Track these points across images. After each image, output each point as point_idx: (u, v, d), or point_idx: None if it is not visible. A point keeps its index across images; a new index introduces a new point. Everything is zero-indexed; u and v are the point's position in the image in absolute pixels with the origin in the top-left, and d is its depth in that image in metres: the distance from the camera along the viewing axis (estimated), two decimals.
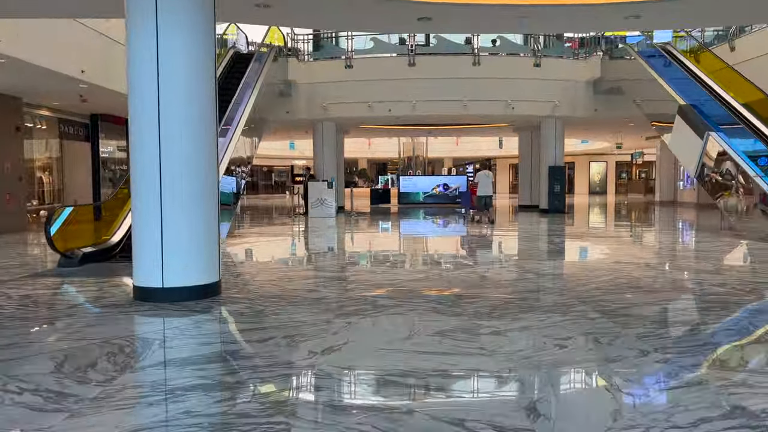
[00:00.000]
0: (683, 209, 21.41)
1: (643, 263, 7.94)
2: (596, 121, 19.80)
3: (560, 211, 19.02)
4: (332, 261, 8.49)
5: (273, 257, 9.30)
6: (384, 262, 8.21)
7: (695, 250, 9.97)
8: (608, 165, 42.32)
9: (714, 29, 18.34)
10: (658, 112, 15.05)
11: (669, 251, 9.68)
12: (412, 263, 8.22)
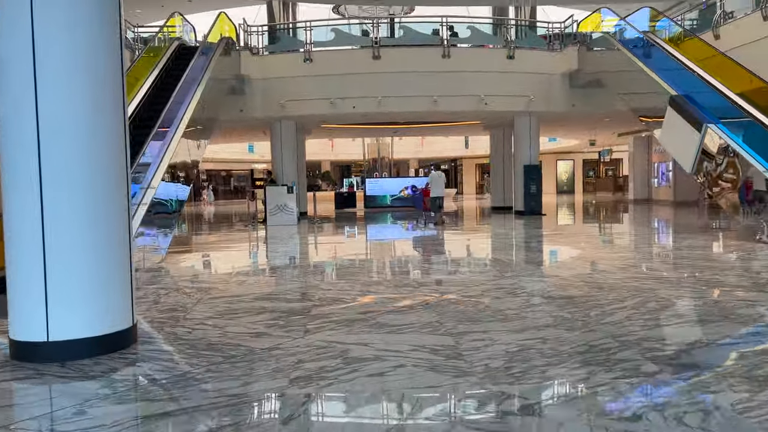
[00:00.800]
0: (661, 207, 20.57)
1: (665, 278, 6.72)
2: (573, 117, 18.74)
3: (537, 212, 17.87)
4: (291, 283, 6.99)
5: (219, 278, 7.75)
6: (354, 283, 6.76)
7: (715, 259, 8.76)
8: (575, 163, 41.76)
9: (693, 19, 17.48)
10: (645, 106, 14.01)
11: (684, 260, 8.48)
12: (388, 283, 6.80)
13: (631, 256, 9.09)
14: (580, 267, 8.09)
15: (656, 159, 24.25)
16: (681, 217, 16.42)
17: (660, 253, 9.71)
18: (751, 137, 10.29)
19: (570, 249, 10.34)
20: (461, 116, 18.33)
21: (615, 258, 8.60)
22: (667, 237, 12.08)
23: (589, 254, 9.35)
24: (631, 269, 7.38)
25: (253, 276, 7.82)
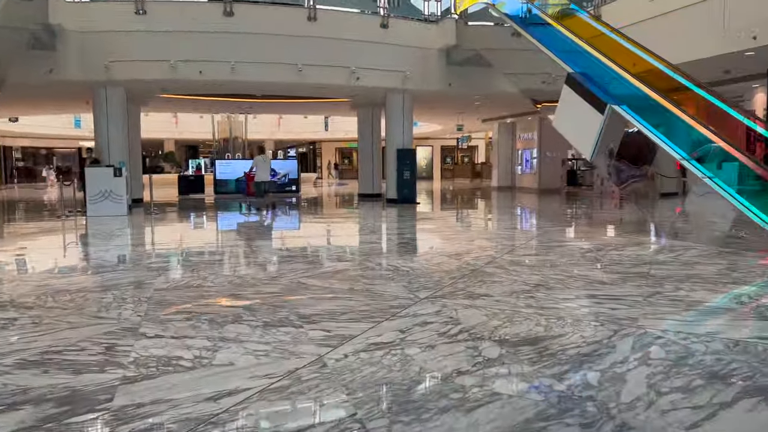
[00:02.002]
0: (530, 195, 20.10)
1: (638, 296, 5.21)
2: (448, 97, 17.39)
3: (411, 200, 16.33)
4: (96, 326, 4.47)
5: None
6: (192, 317, 4.45)
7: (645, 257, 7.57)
8: (434, 149, 41.53)
9: None
10: (536, 87, 12.86)
11: (630, 262, 7.15)
12: (239, 314, 4.55)
13: (558, 259, 7.66)
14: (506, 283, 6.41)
15: (520, 146, 23.96)
16: (568, 206, 15.79)
17: (601, 255, 8.43)
18: (657, 120, 9.32)
19: (477, 250, 8.73)
20: (329, 91, 16.16)
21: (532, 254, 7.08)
22: (588, 232, 11.01)
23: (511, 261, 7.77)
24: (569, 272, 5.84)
25: (38, 312, 5.08)
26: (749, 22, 10.38)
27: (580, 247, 7.85)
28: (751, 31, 10.37)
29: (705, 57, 11.20)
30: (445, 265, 6.53)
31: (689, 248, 7.53)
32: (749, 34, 10.39)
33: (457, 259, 6.91)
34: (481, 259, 6.86)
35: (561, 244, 8.29)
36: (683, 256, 6.93)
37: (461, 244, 8.21)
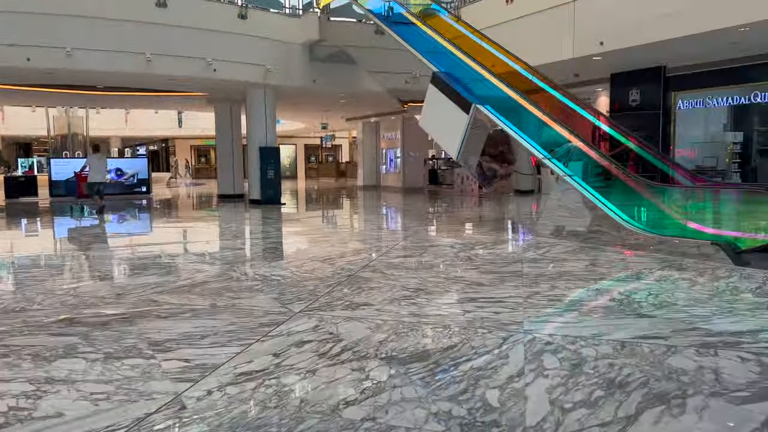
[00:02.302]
0: (395, 194, 20.20)
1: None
2: (313, 94, 16.88)
3: (276, 201, 15.64)
4: None
5: None
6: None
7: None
8: (298, 148, 40.81)
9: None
10: (402, 87, 12.77)
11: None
12: (72, 345, 3.77)
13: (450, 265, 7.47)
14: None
15: (384, 145, 24.09)
16: (443, 204, 15.94)
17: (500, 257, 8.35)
18: (519, 120, 9.55)
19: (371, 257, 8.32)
20: (182, 84, 14.97)
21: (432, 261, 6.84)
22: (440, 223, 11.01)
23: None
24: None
25: None
26: (596, 29, 11.03)
27: (452, 247, 7.76)
28: (599, 39, 11.03)
29: (558, 60, 11.76)
30: (318, 272, 6.06)
31: (555, 244, 7.72)
32: (597, 40, 11.05)
33: (331, 264, 6.47)
34: (356, 263, 6.49)
35: (433, 244, 8.16)
36: (550, 253, 7.06)
37: (334, 247, 7.78)
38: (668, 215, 7.51)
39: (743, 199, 7.22)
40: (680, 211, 7.58)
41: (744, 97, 11.43)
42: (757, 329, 3.91)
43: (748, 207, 7.09)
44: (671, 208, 7.54)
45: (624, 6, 10.50)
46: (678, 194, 7.58)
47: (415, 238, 8.79)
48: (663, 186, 8.22)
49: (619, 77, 13.54)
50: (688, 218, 7.27)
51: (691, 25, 9.50)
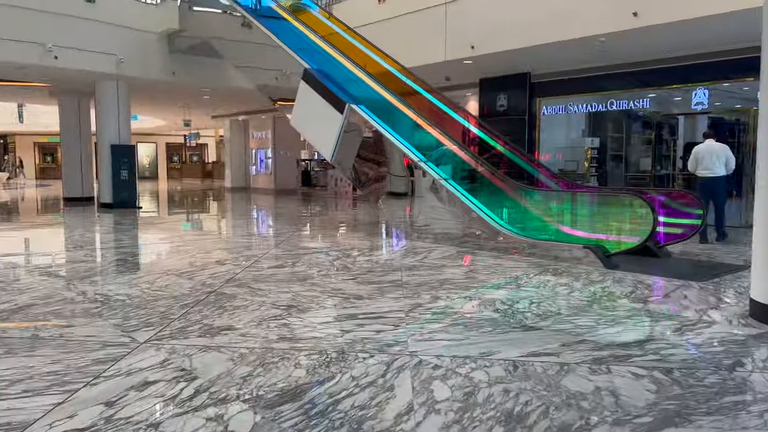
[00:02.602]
0: (266, 196, 19.33)
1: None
2: (172, 89, 15.59)
3: (131, 204, 14.23)
4: None
5: None
6: None
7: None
8: (158, 147, 38.24)
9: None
10: (272, 84, 12.07)
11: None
12: None
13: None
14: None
15: (254, 145, 23.06)
16: (292, 208, 15.28)
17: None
18: (394, 122, 9.28)
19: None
20: (18, 72, 13.11)
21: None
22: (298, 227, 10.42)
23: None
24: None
25: None
26: (468, 32, 11.08)
27: (327, 254, 7.27)
28: (470, 43, 11.08)
29: (431, 63, 11.69)
30: (174, 288, 5.28)
31: (431, 249, 7.49)
32: (468, 44, 11.09)
33: (190, 279, 5.70)
34: (220, 277, 5.78)
35: (306, 251, 7.61)
36: (428, 259, 6.80)
37: (195, 258, 6.97)
38: (540, 218, 7.57)
39: (608, 202, 7.45)
40: (551, 214, 7.68)
41: (601, 104, 12.07)
42: (641, 339, 3.81)
43: (614, 210, 7.33)
44: (543, 212, 7.61)
45: (494, 11, 10.63)
46: (549, 197, 7.68)
47: (288, 244, 8.19)
48: (535, 189, 8.31)
49: (488, 82, 13.81)
50: (559, 222, 7.36)
51: (556, 32, 9.77)
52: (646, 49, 10.13)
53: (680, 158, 11.86)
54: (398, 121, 9.31)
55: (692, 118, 12.17)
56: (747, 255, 7.03)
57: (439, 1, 11.53)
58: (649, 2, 8.54)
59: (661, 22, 8.51)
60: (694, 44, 9.68)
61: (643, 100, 11.57)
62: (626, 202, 6.99)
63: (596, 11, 9.16)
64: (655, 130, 11.96)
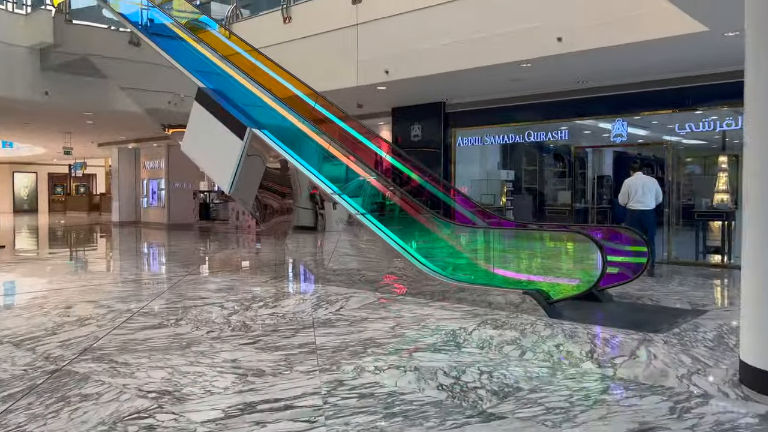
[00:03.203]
0: (158, 231, 17.49)
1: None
2: (48, 111, 13.69)
3: None
4: None
5: None
6: None
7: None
8: (39, 177, 34.77)
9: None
10: (164, 108, 10.69)
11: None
12: None
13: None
14: None
15: (146, 175, 21.09)
16: (179, 242, 13.67)
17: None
18: (303, 150, 8.21)
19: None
20: None
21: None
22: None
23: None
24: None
25: None
26: (381, 56, 10.30)
27: (221, 305, 6.00)
28: (383, 67, 10.30)
29: (341, 88, 10.78)
30: (2, 367, 3.86)
31: (348, 296, 6.42)
32: (381, 68, 10.30)
33: (31, 349, 4.28)
34: (75, 344, 4.40)
35: (196, 302, 6.29)
36: (346, 309, 5.73)
37: (49, 316, 5.48)
38: (469, 258, 6.72)
39: (542, 239, 6.74)
40: (481, 253, 6.86)
41: (518, 135, 11.65)
42: (640, 431, 2.91)
43: (551, 248, 6.62)
44: (471, 250, 6.77)
45: (409, 34, 9.92)
46: (477, 234, 6.84)
47: (174, 292, 6.82)
48: (463, 225, 7.48)
49: (401, 111, 13.13)
50: (490, 262, 6.53)
51: (476, 57, 9.19)
52: (566, 78, 9.77)
53: (598, 192, 11.64)
54: (308, 150, 8.26)
55: (604, 151, 12.04)
56: (688, 296, 6.54)
57: (350, 22, 10.70)
58: (574, 28, 8.11)
59: (587, 48, 8.09)
60: (617, 74, 9.41)
61: (560, 132, 11.24)
62: (565, 239, 6.29)
63: (519, 36, 8.64)
64: (572, 163, 11.67)
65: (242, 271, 9.13)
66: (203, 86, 8.80)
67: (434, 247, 6.65)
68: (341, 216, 15.78)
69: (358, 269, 8.99)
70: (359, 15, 10.52)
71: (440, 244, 6.73)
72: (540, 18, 8.32)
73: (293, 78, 9.85)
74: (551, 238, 6.66)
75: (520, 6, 8.60)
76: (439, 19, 9.52)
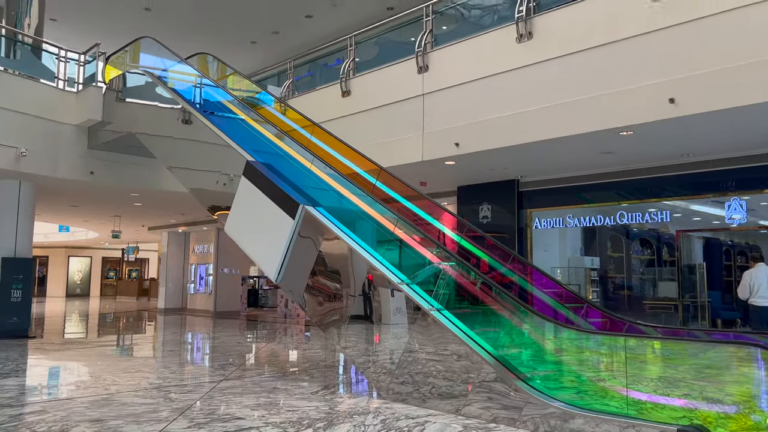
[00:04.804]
0: (204, 320, 16.34)
1: None
2: (94, 193, 13.09)
3: (20, 334, 11.20)
4: None
5: None
6: None
7: None
8: (93, 261, 34.83)
9: None
10: (211, 189, 9.82)
11: None
12: None
13: None
14: None
15: (195, 260, 20.29)
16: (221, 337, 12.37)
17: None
18: (365, 232, 6.93)
19: None
20: None
21: None
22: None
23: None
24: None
25: None
26: (449, 129, 9.16)
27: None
28: (452, 140, 9.13)
29: (405, 163, 9.63)
30: None
31: (422, 420, 4.86)
32: (449, 140, 9.14)
33: None
34: None
35: (228, 425, 4.84)
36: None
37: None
38: (590, 377, 5.09)
39: (691, 353, 5.10)
40: (606, 368, 5.22)
41: (608, 217, 10.13)
42: None
43: (702, 361, 4.95)
44: (591, 366, 5.15)
45: (481, 102, 8.79)
46: (613, 345, 5.15)
47: (204, 409, 5.41)
48: (584, 331, 5.84)
49: (468, 190, 11.87)
50: (626, 382, 4.86)
51: (561, 125, 7.90)
52: (670, 149, 8.33)
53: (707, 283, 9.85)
54: (369, 231, 6.98)
55: (709, 236, 10.35)
56: None
57: (415, 93, 9.68)
58: (692, 85, 6.75)
59: (707, 110, 6.69)
60: (739, 143, 7.92)
61: (660, 213, 9.67)
62: (733, 353, 4.62)
63: (619, 98, 7.32)
64: (674, 249, 9.98)
65: (288, 375, 7.66)
66: (252, 159, 7.78)
67: (543, 360, 5.09)
68: (399, 305, 14.29)
69: (427, 376, 7.39)
70: (425, 84, 9.52)
71: (549, 356, 5.16)
72: (648, 76, 7.02)
73: (352, 151, 8.79)
74: (696, 349, 4.99)
75: (618, 63, 7.35)
76: (516, 85, 8.39)
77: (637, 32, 7.18)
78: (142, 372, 7.69)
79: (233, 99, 9.53)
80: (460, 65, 9.08)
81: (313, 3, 14.19)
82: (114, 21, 14.73)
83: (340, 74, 10.96)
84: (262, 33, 15.85)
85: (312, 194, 7.28)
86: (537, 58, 8.10)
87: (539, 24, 8.16)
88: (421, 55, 9.49)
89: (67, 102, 11.47)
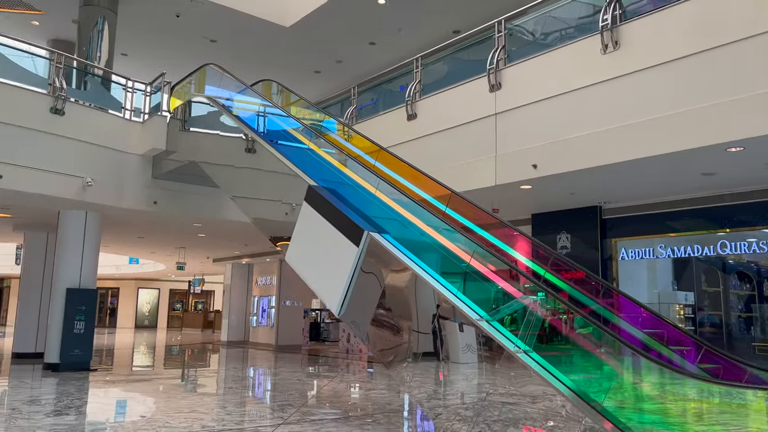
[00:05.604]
0: (265, 354, 15.92)
1: None
2: (158, 223, 13.01)
3: (82, 366, 11.04)
4: None
5: None
6: None
7: None
8: (161, 293, 35.46)
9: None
10: (273, 218, 9.44)
11: None
12: None
13: None
14: None
15: (258, 292, 20.06)
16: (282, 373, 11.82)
17: None
18: (433, 258, 6.25)
19: None
20: None
21: None
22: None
23: None
24: None
25: None
26: (524, 149, 8.42)
27: None
28: (528, 161, 8.37)
29: (476, 188, 8.92)
30: None
31: None
32: (526, 162, 8.38)
33: None
34: None
35: None
36: None
37: None
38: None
39: None
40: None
41: (706, 247, 9.04)
42: None
43: None
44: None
45: (561, 120, 8.02)
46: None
47: None
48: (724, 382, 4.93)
49: (543, 218, 11.00)
50: None
51: (654, 143, 7.03)
52: None
53: None
54: (441, 260, 6.28)
55: None
56: None
57: (487, 113, 9.01)
58: None
59: None
60: None
61: (759, 243, 8.54)
62: None
63: (725, 110, 6.42)
64: None
65: (351, 419, 6.97)
66: (314, 184, 7.29)
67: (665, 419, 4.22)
68: (469, 341, 13.35)
69: (506, 425, 6.53)
70: (498, 103, 8.85)
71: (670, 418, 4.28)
72: (761, 82, 6.10)
73: (419, 176, 8.18)
74: None
75: (723, 69, 6.46)
76: (601, 100, 7.59)
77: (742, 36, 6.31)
78: (196, 412, 7.18)
79: (299, 126, 9.14)
80: (537, 81, 8.38)
81: (377, 31, 13.90)
82: (182, 53, 14.89)
83: (405, 97, 10.45)
84: (326, 62, 15.70)
85: (378, 221, 6.68)
86: (625, 69, 7.30)
87: (627, 32, 7.38)
88: (493, 73, 8.85)
89: (133, 131, 11.46)
